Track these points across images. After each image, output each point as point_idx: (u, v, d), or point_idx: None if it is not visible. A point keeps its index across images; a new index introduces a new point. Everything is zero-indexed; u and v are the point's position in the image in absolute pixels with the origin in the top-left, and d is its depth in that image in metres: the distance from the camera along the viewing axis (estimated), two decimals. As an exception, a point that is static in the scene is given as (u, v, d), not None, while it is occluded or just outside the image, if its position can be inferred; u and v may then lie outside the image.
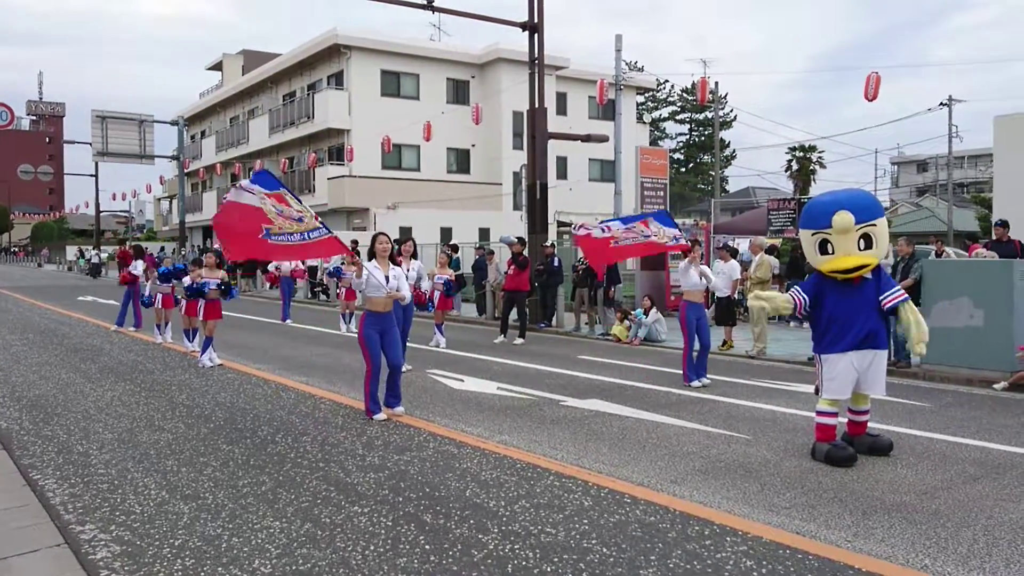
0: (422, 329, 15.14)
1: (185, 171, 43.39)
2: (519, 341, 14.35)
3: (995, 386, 9.60)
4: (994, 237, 12.48)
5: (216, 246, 12.83)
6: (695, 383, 9.68)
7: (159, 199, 62.04)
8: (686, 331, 9.79)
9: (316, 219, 7.56)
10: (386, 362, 7.89)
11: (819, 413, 6.43)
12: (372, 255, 7.93)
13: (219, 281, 11.59)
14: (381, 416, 7.74)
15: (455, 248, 18.89)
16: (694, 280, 9.83)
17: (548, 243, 16.85)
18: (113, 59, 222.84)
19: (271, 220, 7.35)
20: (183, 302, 12.34)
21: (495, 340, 14.46)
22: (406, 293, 8.05)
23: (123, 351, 12.96)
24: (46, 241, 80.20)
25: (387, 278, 7.76)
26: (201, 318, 11.46)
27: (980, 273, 10.48)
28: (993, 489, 5.59)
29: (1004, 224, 12.44)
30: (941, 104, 42.48)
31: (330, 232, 7.58)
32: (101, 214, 59.02)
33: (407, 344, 11.37)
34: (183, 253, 37.90)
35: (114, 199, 63.10)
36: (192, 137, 51.36)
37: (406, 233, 29.77)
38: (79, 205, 73.67)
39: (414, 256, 10.67)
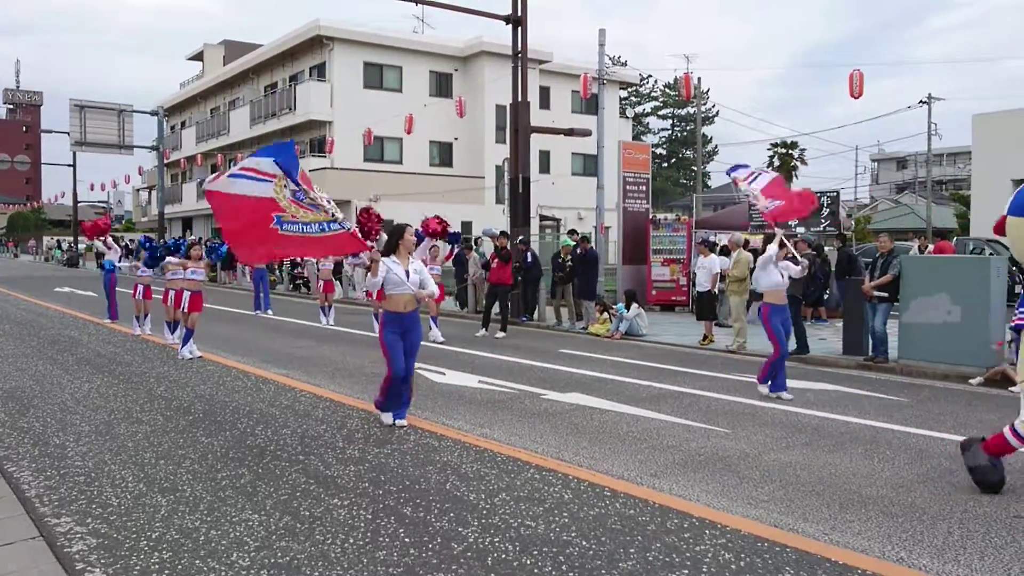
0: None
1: (165, 162, 42.98)
2: (500, 335, 14.34)
3: (971, 381, 9.72)
4: None
5: (192, 237, 12.74)
6: (785, 395, 8.67)
7: (138, 190, 61.51)
8: (775, 337, 8.68)
9: (330, 207, 6.72)
10: None
11: None
12: (393, 249, 7.13)
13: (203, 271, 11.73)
14: (389, 419, 7.20)
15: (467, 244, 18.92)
16: (776, 280, 8.83)
17: (519, 239, 16.74)
18: (94, 49, 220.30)
19: (283, 207, 6.55)
20: (171, 293, 12.28)
21: (477, 333, 14.44)
22: (433, 289, 7.30)
23: (101, 343, 12.84)
24: (22, 232, 79.28)
25: (407, 273, 7.02)
26: (184, 310, 11.36)
27: (958, 270, 10.60)
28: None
29: None
30: (921, 102, 42.74)
31: (345, 228, 6.70)
32: (79, 204, 58.30)
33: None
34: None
35: (92, 189, 62.21)
36: (172, 128, 50.88)
37: (387, 226, 29.69)
38: (57, 195, 72.77)
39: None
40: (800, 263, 9.20)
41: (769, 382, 8.81)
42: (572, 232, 16.89)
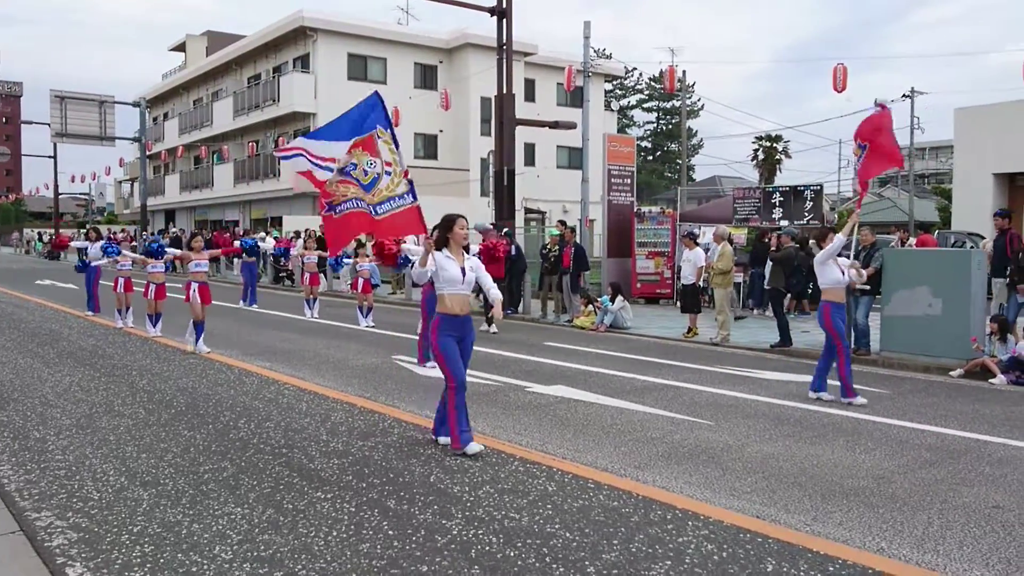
0: (405, 317, 15.07)
1: (147, 153, 42.61)
2: (484, 327, 14.30)
3: (951, 373, 9.81)
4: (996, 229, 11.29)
5: (174, 229, 12.66)
6: (824, 395, 8.28)
7: (120, 182, 60.96)
8: (838, 337, 8.13)
9: (406, 177, 6.00)
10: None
11: None
12: (444, 243, 6.15)
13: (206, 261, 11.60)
14: (477, 447, 6.00)
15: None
16: (836, 276, 8.20)
17: (503, 231, 16.68)
18: (75, 40, 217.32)
19: (331, 192, 6.10)
20: (152, 287, 12.32)
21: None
22: (498, 294, 6.31)
23: (82, 336, 12.73)
24: (3, 224, 78.53)
25: (463, 271, 6.10)
26: (197, 301, 10.94)
27: (939, 263, 10.68)
28: (948, 473, 5.71)
29: (1002, 214, 11.22)
30: (903, 96, 43.01)
31: (414, 200, 6.02)
32: (60, 196, 57.77)
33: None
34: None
35: (73, 181, 61.48)
36: (154, 119, 50.46)
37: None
38: (38, 187, 72.05)
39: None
40: (861, 274, 8.57)
41: (821, 385, 8.30)
42: (561, 223, 16.88)
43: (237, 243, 16.98)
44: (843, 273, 8.22)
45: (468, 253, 6.35)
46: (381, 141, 6.03)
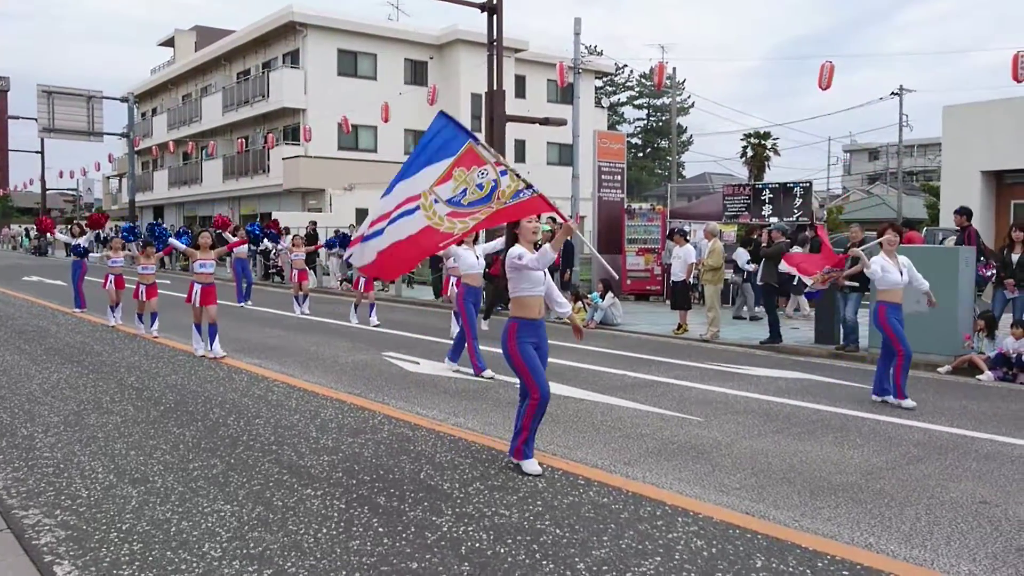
0: (396, 314, 15.03)
1: (135, 149, 42.39)
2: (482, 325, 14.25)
3: (939, 370, 9.86)
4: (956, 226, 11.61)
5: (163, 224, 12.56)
6: (890, 399, 7.91)
7: (108, 177, 60.60)
8: (897, 340, 7.75)
9: (516, 178, 5.48)
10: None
11: None
12: (514, 240, 5.72)
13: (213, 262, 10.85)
14: (535, 467, 5.49)
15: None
16: (895, 279, 7.84)
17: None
18: (62, 34, 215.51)
19: (444, 231, 5.50)
20: (142, 287, 12.22)
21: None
22: (568, 309, 5.99)
23: (70, 332, 12.67)
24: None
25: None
26: (198, 304, 10.54)
27: (927, 260, 10.71)
28: (936, 469, 5.74)
29: (962, 212, 11.42)
30: (892, 94, 43.15)
31: (534, 192, 5.46)
32: (47, 192, 57.38)
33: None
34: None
35: (61, 177, 61.24)
36: (143, 115, 50.17)
37: (363, 215, 29.54)
38: (25, 183, 71.50)
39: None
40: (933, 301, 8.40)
41: (902, 394, 7.86)
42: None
43: (242, 232, 16.69)
44: (901, 273, 7.88)
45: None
46: (480, 147, 5.59)
